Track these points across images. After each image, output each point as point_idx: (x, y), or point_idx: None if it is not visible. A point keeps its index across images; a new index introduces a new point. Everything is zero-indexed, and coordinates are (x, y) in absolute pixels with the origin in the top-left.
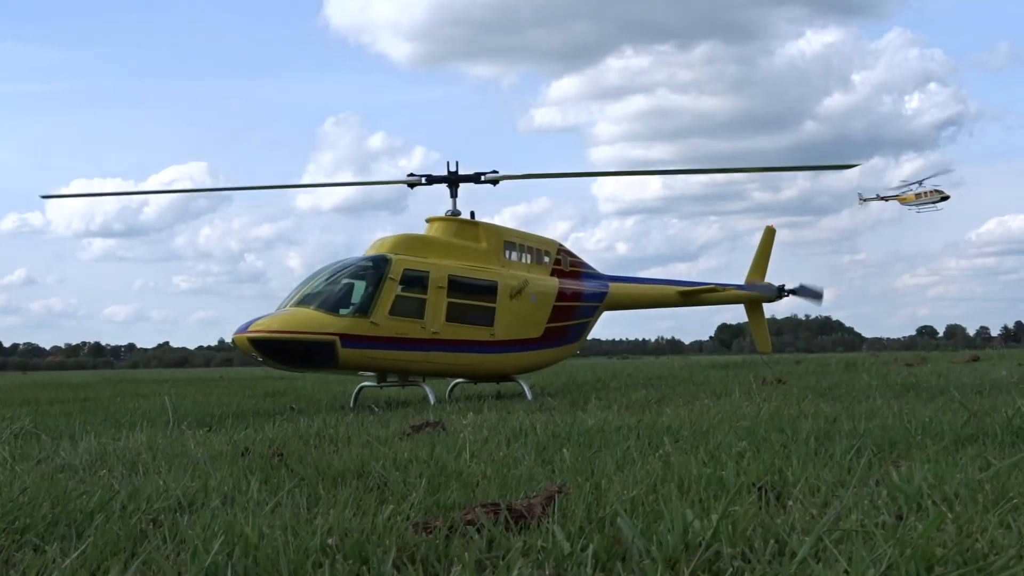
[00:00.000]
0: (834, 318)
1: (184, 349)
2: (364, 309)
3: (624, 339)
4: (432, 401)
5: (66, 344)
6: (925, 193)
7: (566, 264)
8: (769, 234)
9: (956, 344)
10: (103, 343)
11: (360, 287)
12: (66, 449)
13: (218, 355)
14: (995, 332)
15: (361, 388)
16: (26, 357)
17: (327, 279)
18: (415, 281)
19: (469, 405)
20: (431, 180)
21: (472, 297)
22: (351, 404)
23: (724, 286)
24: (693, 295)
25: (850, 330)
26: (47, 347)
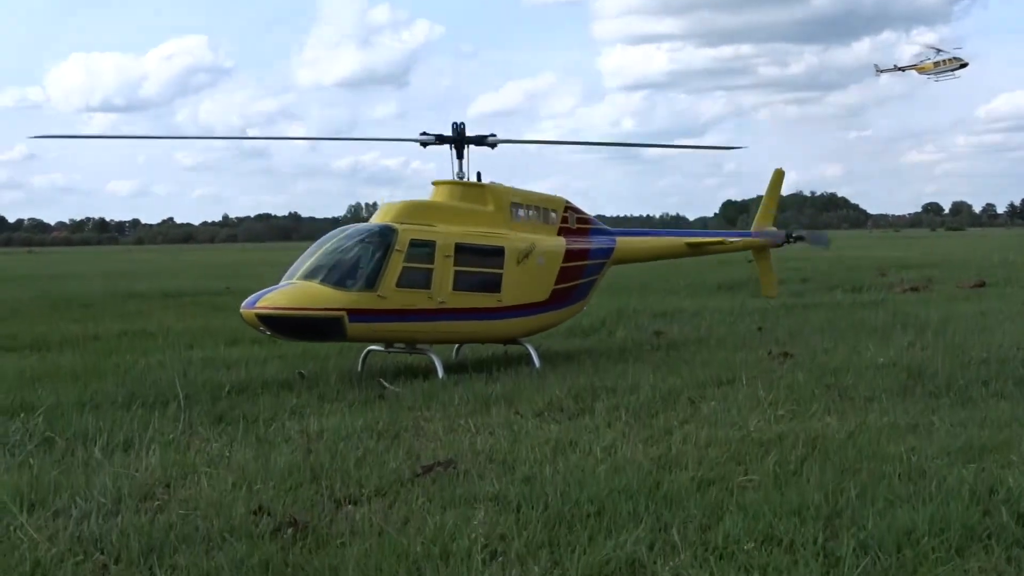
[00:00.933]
0: (840, 194)
1: (189, 225)
2: (371, 282)
3: (629, 215)
4: (440, 374)
5: (71, 220)
6: (944, 61)
7: (572, 221)
8: (777, 177)
9: (961, 222)
10: (108, 219)
11: (367, 259)
12: (82, 492)
13: (222, 231)
14: (1001, 209)
15: (368, 351)
16: (31, 233)
17: (333, 250)
18: (422, 251)
19: (476, 396)
20: (441, 140)
21: (479, 264)
22: (359, 367)
23: (731, 237)
24: (701, 246)
25: (855, 207)
26: (52, 223)
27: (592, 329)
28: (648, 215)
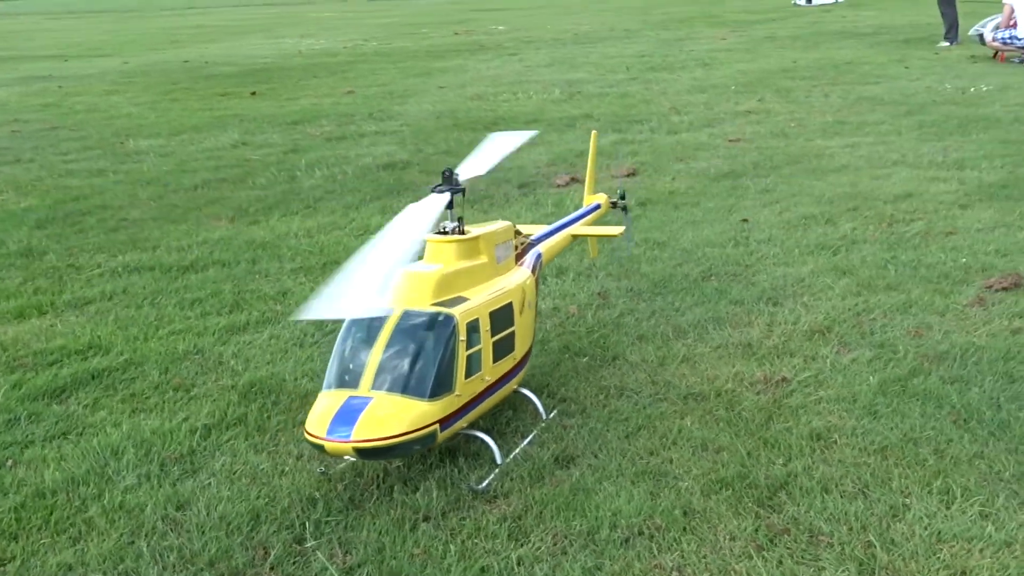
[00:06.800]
0: None
1: None
2: (450, 384)
3: None
4: (499, 460)
5: None
6: None
7: (520, 244)
8: (595, 141)
9: None
10: None
11: (437, 357)
12: None
13: None
14: None
15: None
16: None
17: (399, 348)
18: (473, 334)
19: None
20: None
21: (503, 328)
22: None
23: (587, 219)
24: (577, 237)
25: None
26: None
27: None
28: None
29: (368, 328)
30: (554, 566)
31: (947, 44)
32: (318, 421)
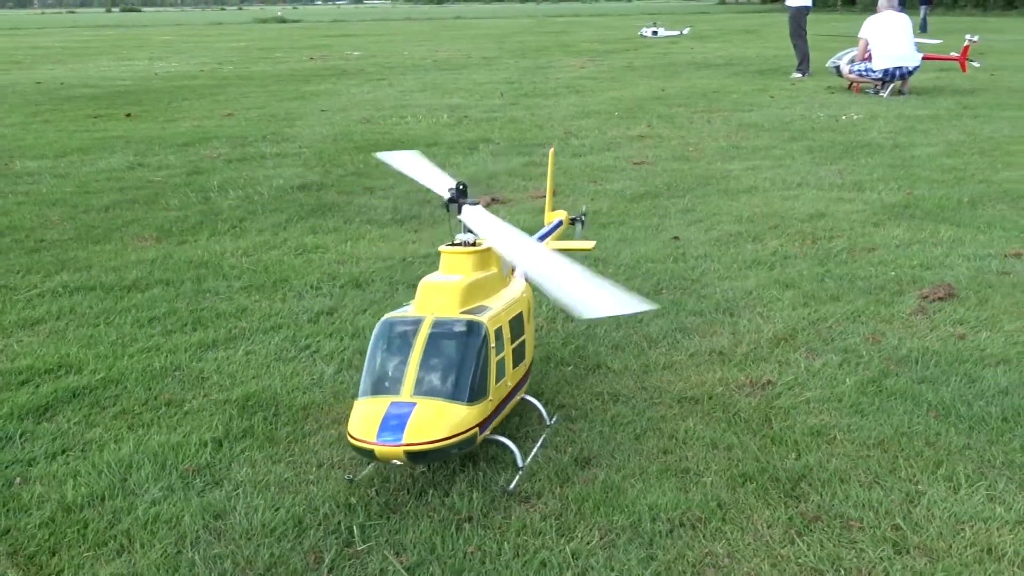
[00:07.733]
0: None
1: None
2: (485, 389)
3: None
4: (520, 463)
5: None
6: None
7: None
8: (552, 158)
9: None
10: None
11: (473, 363)
12: None
13: None
14: None
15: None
16: None
17: (434, 355)
18: (499, 341)
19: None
20: (451, 201)
21: (517, 336)
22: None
23: (554, 233)
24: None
25: None
26: None
27: None
28: None
29: (391, 337)
30: (609, 557)
31: (799, 75)
32: (364, 426)
